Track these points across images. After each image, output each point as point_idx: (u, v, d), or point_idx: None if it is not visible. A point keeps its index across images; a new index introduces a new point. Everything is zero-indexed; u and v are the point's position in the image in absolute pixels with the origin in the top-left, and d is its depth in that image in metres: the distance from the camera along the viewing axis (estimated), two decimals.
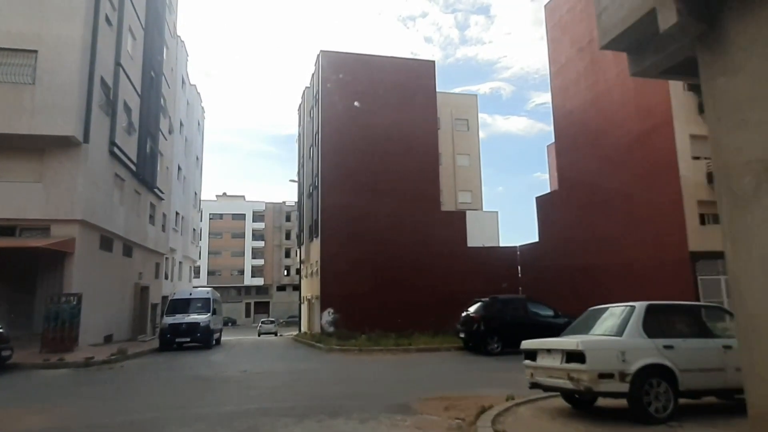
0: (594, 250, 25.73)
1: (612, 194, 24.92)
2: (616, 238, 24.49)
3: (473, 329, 13.47)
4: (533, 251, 31.80)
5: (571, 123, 29.71)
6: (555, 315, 13.92)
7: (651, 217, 22.34)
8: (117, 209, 20.31)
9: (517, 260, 33.05)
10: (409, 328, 24.85)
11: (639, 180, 23.28)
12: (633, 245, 23.28)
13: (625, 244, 23.68)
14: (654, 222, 22.21)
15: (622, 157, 24.63)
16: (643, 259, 22.53)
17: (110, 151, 18.95)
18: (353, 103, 31.66)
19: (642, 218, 22.83)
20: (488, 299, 14.01)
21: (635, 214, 23.23)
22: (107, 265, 19.79)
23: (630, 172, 23.93)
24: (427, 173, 31.99)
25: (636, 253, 22.95)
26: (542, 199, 32.72)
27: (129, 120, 21.02)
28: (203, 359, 14.62)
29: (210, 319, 19.83)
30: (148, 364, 13.32)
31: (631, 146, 24.10)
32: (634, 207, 23.35)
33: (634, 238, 23.29)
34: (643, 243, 22.67)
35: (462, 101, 43.73)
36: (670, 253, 21.34)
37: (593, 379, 5.46)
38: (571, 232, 28.19)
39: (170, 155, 30.57)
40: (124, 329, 22.51)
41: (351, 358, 13.63)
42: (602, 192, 25.70)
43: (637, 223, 23.06)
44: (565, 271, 27.40)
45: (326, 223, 30.21)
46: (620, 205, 24.23)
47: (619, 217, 24.22)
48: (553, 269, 28.55)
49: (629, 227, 23.48)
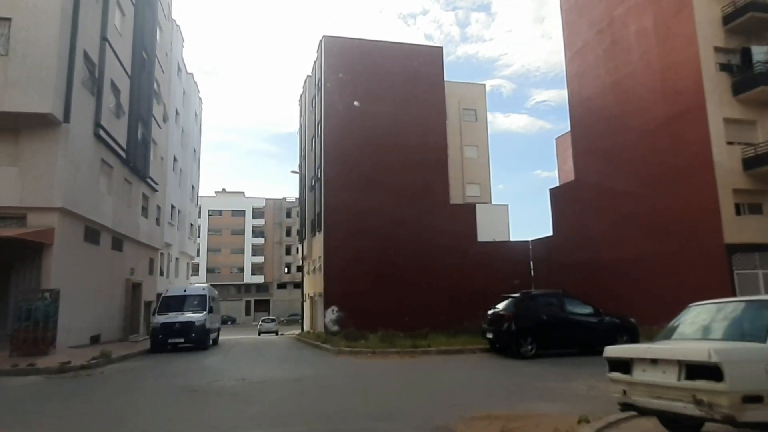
0: (616, 243, 24.04)
1: (636, 183, 23.23)
2: (641, 230, 22.80)
3: (503, 329, 11.82)
4: (547, 245, 30.15)
5: (589, 110, 28.01)
6: (595, 313, 12.26)
7: (681, 207, 20.66)
8: (104, 198, 18.64)
9: (530, 255, 31.43)
10: (420, 326, 23.26)
11: (666, 168, 21.59)
12: (660, 237, 21.61)
13: (651, 237, 22.02)
14: (685, 212, 20.52)
15: (647, 144, 22.93)
16: (673, 252, 20.86)
17: (96, 134, 17.27)
18: (357, 91, 29.96)
19: (671, 208, 21.14)
20: (519, 295, 12.36)
21: (663, 204, 21.55)
22: (93, 258, 18.13)
23: (656, 159, 22.24)
24: (436, 164, 30.33)
25: (664, 246, 21.28)
26: (557, 191, 31.03)
27: (117, 101, 19.33)
28: (196, 363, 12.98)
29: (206, 318, 18.19)
30: (133, 370, 11.67)
31: (658, 132, 22.41)
32: (662, 197, 21.66)
33: (661, 229, 21.61)
34: (673, 235, 20.99)
35: (470, 91, 42.02)
36: (703, 245, 19.67)
37: (736, 403, 3.81)
38: (589, 224, 26.50)
39: (165, 144, 28.89)
40: (114, 329, 20.86)
41: (364, 361, 11.97)
42: (624, 181, 24.00)
43: (665, 213, 21.38)
44: (582, 266, 25.73)
45: (329, 217, 28.58)
46: (646, 195, 22.55)
47: (644, 207, 22.54)
48: (569, 264, 26.88)
49: (656, 218, 21.80)
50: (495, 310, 12.61)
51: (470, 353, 12.95)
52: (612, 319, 12.09)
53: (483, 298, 28.04)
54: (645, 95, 23.37)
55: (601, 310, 12.35)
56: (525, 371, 9.88)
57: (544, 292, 12.88)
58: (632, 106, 24.16)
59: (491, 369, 10.48)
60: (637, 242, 22.67)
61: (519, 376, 9.42)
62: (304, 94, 40.31)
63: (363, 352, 13.28)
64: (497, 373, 9.85)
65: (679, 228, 20.58)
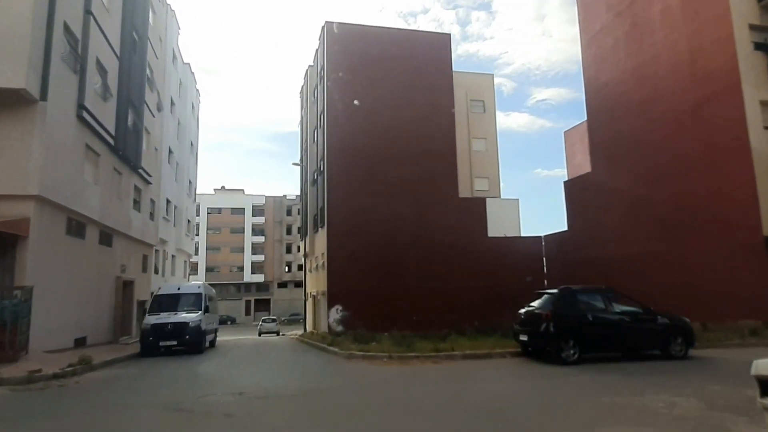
0: (638, 237, 22.42)
1: (660, 173, 21.63)
2: (666, 223, 21.22)
3: (540, 330, 10.23)
4: (561, 241, 28.57)
5: (607, 96, 26.39)
6: (646, 312, 10.68)
7: (712, 198, 19.04)
8: (90, 188, 17.05)
9: (542, 251, 29.88)
10: (429, 326, 21.84)
11: (695, 156, 19.99)
12: (690, 230, 20.01)
13: (680, 229, 20.41)
14: (717, 203, 18.91)
15: (673, 131, 21.32)
16: (703, 246, 19.29)
17: (79, 116, 15.67)
18: (361, 79, 28.38)
19: (700, 199, 19.55)
20: (558, 291, 10.75)
21: (691, 194, 19.97)
22: (78, 253, 16.56)
23: (683, 147, 20.64)
24: (444, 156, 28.77)
25: (693, 240, 19.71)
26: (573, 184, 29.45)
27: (104, 82, 17.73)
28: (189, 370, 11.40)
29: (201, 319, 16.62)
30: (114, 380, 10.09)
31: (685, 118, 20.80)
32: (690, 186, 20.09)
33: (689, 222, 20.01)
34: (702, 227, 19.38)
35: (477, 81, 40.44)
36: (739, 237, 18.10)
37: None
38: (607, 218, 24.89)
39: (159, 135, 27.30)
40: (103, 330, 19.30)
41: (381, 369, 10.38)
42: (647, 171, 22.39)
43: (693, 204, 19.79)
44: (601, 262, 24.10)
45: (332, 211, 27.02)
46: (671, 186, 20.97)
47: (671, 198, 20.94)
48: (585, 260, 25.28)
49: (685, 209, 20.19)
50: (529, 309, 11.02)
51: (499, 358, 11.37)
52: (670, 320, 10.52)
53: (495, 296, 26.70)
54: (670, 79, 21.78)
55: (652, 308, 10.75)
56: (575, 382, 8.30)
57: (587, 287, 11.28)
58: (656, 91, 22.60)
59: (533, 379, 8.89)
60: (662, 236, 21.07)
61: (572, 388, 7.85)
62: (305, 85, 38.74)
63: (377, 356, 11.70)
64: (543, 385, 8.26)
65: (709, 220, 19.01)
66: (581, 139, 42.03)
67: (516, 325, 11.34)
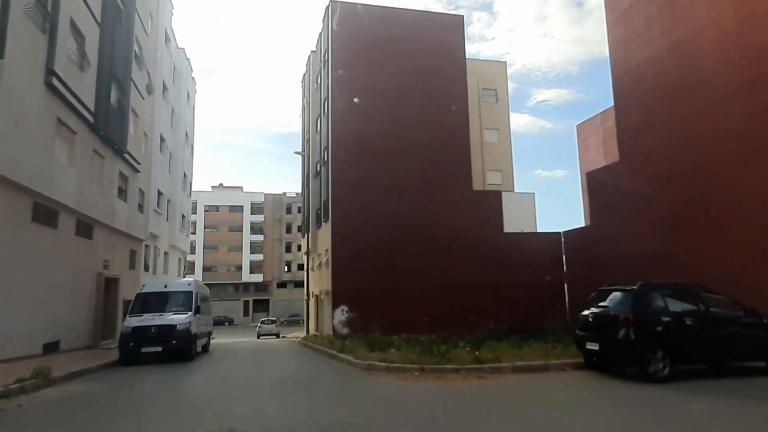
0: (677, 232, 20.09)
1: (702, 161, 19.33)
2: (713, 217, 18.97)
3: (618, 337, 7.96)
4: (582, 237, 26.20)
5: (638, 79, 23.98)
6: (750, 313, 8.41)
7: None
8: (63, 170, 14.74)
9: (562, 248, 27.58)
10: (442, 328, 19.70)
11: (746, 140, 17.71)
12: (741, 226, 17.83)
13: (728, 224, 18.21)
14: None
15: (718, 113, 18.98)
16: (756, 242, 17.10)
17: (47, 84, 13.37)
18: (368, 62, 26.13)
19: (754, 189, 17.36)
20: (637, 287, 8.43)
21: (742, 184, 17.74)
22: (48, 245, 14.25)
23: (731, 130, 18.29)
24: (457, 145, 26.52)
25: (745, 235, 17.48)
26: (596, 175, 27.12)
27: (81, 49, 15.43)
28: (170, 388, 9.10)
29: (191, 320, 14.33)
30: (69, 402, 7.78)
31: (732, 98, 18.36)
32: (740, 175, 17.84)
33: (740, 216, 17.74)
34: (758, 221, 17.21)
35: (489, 69, 38.15)
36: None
37: None
38: (638, 211, 22.44)
39: (150, 119, 25.01)
40: (81, 334, 17.00)
41: (416, 388, 8.07)
42: (686, 160, 20.03)
43: (745, 195, 17.56)
44: (632, 259, 21.74)
45: (337, 204, 24.77)
46: (716, 175, 18.69)
47: (715, 189, 18.69)
48: (611, 257, 22.85)
49: (732, 202, 17.97)
50: (599, 310, 8.74)
51: (559, 371, 9.09)
52: None
53: (511, 296, 24.53)
54: (715, 57, 19.44)
55: (758, 309, 8.48)
56: (695, 411, 6.04)
57: (673, 283, 9.01)
58: (696, 71, 20.25)
59: (629, 403, 6.61)
60: (708, 231, 18.78)
61: (699, 421, 5.58)
62: (308, 72, 36.51)
63: (405, 369, 9.42)
64: (654, 414, 5.96)
65: (763, 213, 16.75)
66: (595, 132, 39.75)
67: (579, 331, 9.07)
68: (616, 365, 8.60)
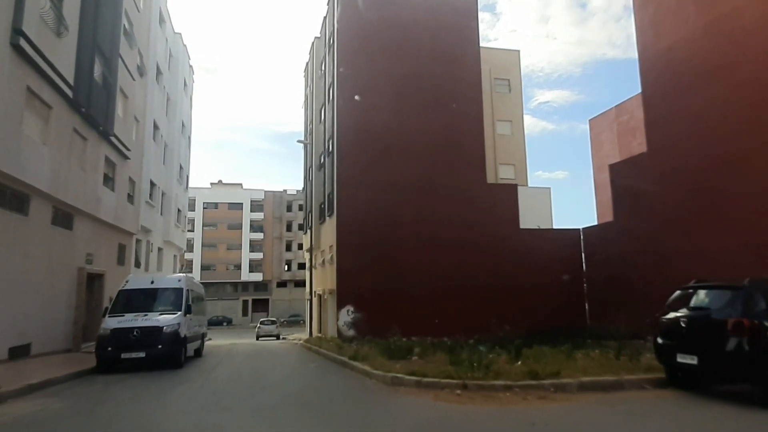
0: (713, 229, 18.18)
1: (743, 151, 17.44)
2: (755, 212, 17.09)
3: (725, 348, 6.08)
4: (604, 233, 24.26)
5: (670, 63, 22.00)
6: None
7: None
8: (34, 148, 12.83)
9: (581, 245, 25.68)
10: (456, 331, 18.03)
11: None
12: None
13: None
14: None
15: (762, 98, 17.27)
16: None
17: (14, 45, 11.47)
18: (375, 46, 24.24)
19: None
20: (749, 284, 6.54)
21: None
22: (15, 234, 12.34)
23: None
24: (469, 136, 24.64)
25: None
26: (620, 166, 25.26)
27: (57, 11, 13.53)
28: (146, 408, 7.19)
29: (180, 322, 12.43)
30: (12, 428, 5.90)
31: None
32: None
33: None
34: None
35: (502, 58, 36.25)
36: None
37: None
38: (668, 206, 20.46)
39: (141, 103, 23.10)
40: (58, 335, 15.09)
41: (461, 412, 6.17)
42: (725, 149, 18.07)
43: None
44: (658, 258, 19.76)
45: (343, 197, 22.90)
46: (759, 166, 16.81)
47: (758, 182, 16.78)
48: (636, 254, 20.94)
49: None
50: (698, 313, 6.84)
51: (637, 389, 7.19)
52: None
53: (527, 295, 22.60)
54: (758, 36, 17.55)
55: None
56: None
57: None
58: (737, 51, 18.32)
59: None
60: (747, 228, 16.82)
61: None
62: (311, 61, 34.63)
63: (440, 384, 7.51)
64: None
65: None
66: (609, 127, 37.81)
67: (664, 339, 7.15)
68: (715, 383, 6.70)
